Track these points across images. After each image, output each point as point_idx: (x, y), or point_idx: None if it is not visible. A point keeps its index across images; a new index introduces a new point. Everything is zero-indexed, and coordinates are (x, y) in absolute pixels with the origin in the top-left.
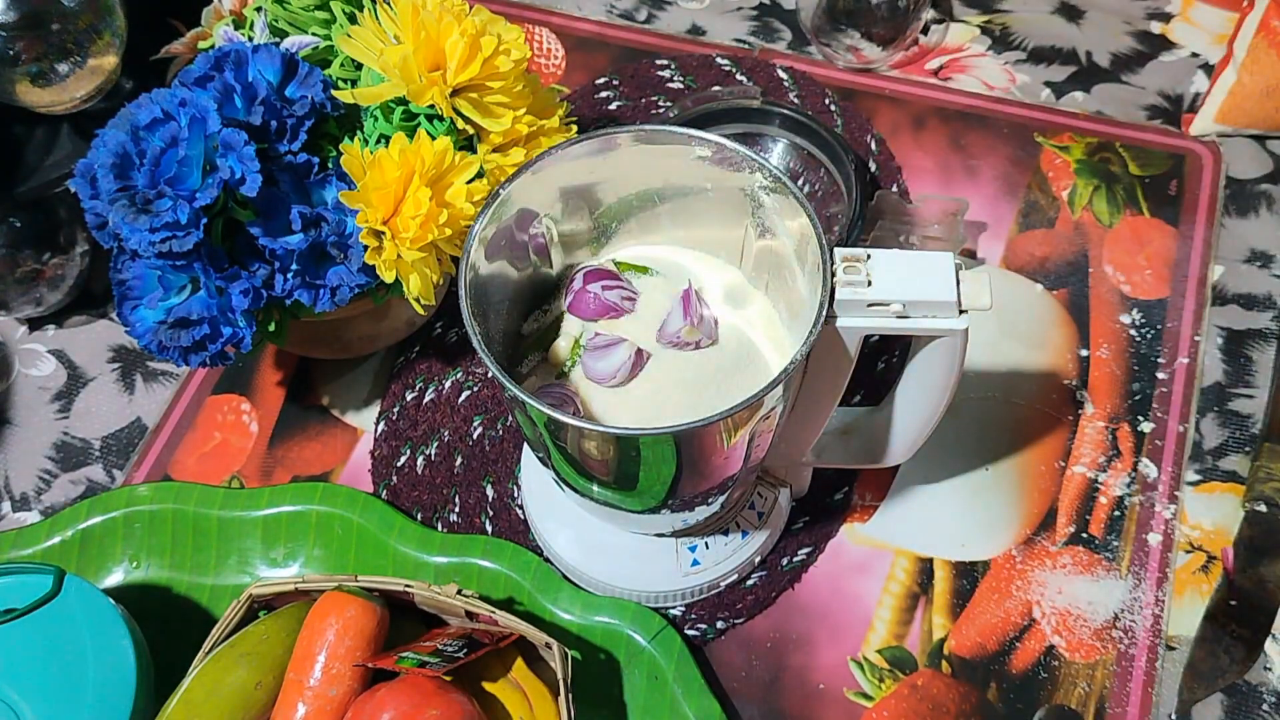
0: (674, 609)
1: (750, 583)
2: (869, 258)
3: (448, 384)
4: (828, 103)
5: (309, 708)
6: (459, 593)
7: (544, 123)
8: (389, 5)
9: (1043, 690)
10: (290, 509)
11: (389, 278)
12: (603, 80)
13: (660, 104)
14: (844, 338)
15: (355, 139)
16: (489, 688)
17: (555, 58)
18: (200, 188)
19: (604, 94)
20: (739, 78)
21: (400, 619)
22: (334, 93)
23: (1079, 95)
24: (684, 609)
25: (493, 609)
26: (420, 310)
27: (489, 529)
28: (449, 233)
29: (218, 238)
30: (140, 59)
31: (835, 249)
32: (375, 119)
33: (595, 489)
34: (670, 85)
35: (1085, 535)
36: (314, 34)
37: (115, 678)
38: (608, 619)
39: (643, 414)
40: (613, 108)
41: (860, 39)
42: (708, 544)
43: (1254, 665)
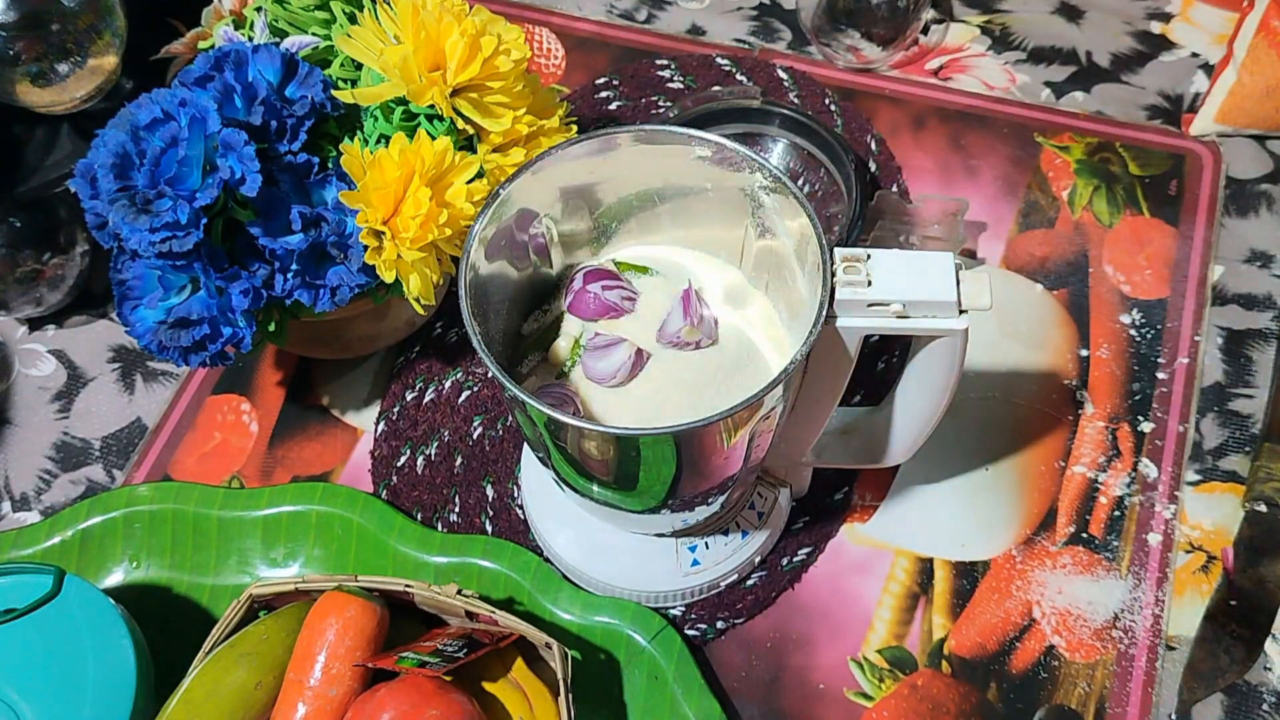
0: (674, 609)
1: (750, 583)
2: (869, 258)
3: (448, 384)
4: (828, 103)
5: (309, 708)
6: (459, 593)
7: (544, 123)
8: (389, 5)
9: (1043, 690)
10: (290, 509)
11: (389, 278)
12: (603, 80)
13: (660, 104)
14: (844, 338)
15: (355, 139)
16: (489, 688)
17: (555, 58)
18: (200, 188)
19: (604, 94)
20: (739, 78)
21: (400, 619)
22: (334, 93)
23: (1079, 95)
24: (684, 609)
25: (493, 609)
26: (420, 310)
27: (489, 529)
28: (449, 233)
29: (218, 238)
30: (140, 59)
31: (835, 249)
32: (375, 119)
33: (595, 489)
34: (670, 85)
35: (1085, 535)
36: (314, 34)
37: (115, 678)
38: (608, 619)
39: (643, 414)
40: (613, 108)
41: (860, 39)
42: (708, 544)
43: (1254, 665)
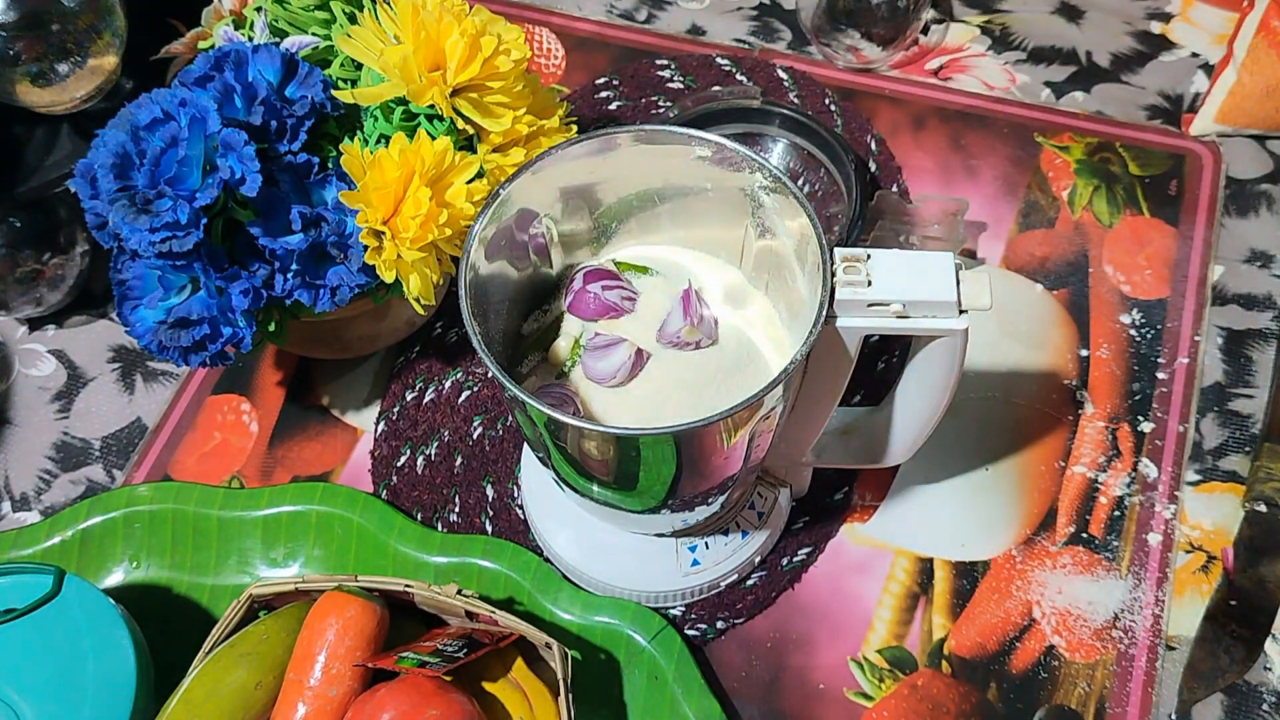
0: (674, 609)
1: (750, 583)
2: (869, 258)
3: (448, 384)
4: (828, 103)
5: (309, 708)
6: (459, 593)
7: (544, 123)
8: (389, 5)
9: (1043, 690)
10: (290, 509)
11: (389, 278)
12: (603, 80)
13: (660, 104)
14: (844, 338)
15: (355, 139)
16: (489, 688)
17: (555, 58)
18: (200, 188)
19: (604, 94)
20: (739, 78)
21: (400, 619)
22: (334, 93)
23: (1079, 95)
24: (684, 609)
25: (493, 609)
26: (420, 310)
27: (489, 529)
28: (449, 233)
29: (218, 238)
30: (140, 59)
31: (835, 249)
32: (375, 119)
33: (595, 489)
34: (670, 85)
35: (1085, 535)
36: (314, 34)
37: (115, 678)
38: (608, 619)
39: (643, 414)
40: (613, 108)
41: (860, 39)
42: (708, 544)
43: (1254, 665)
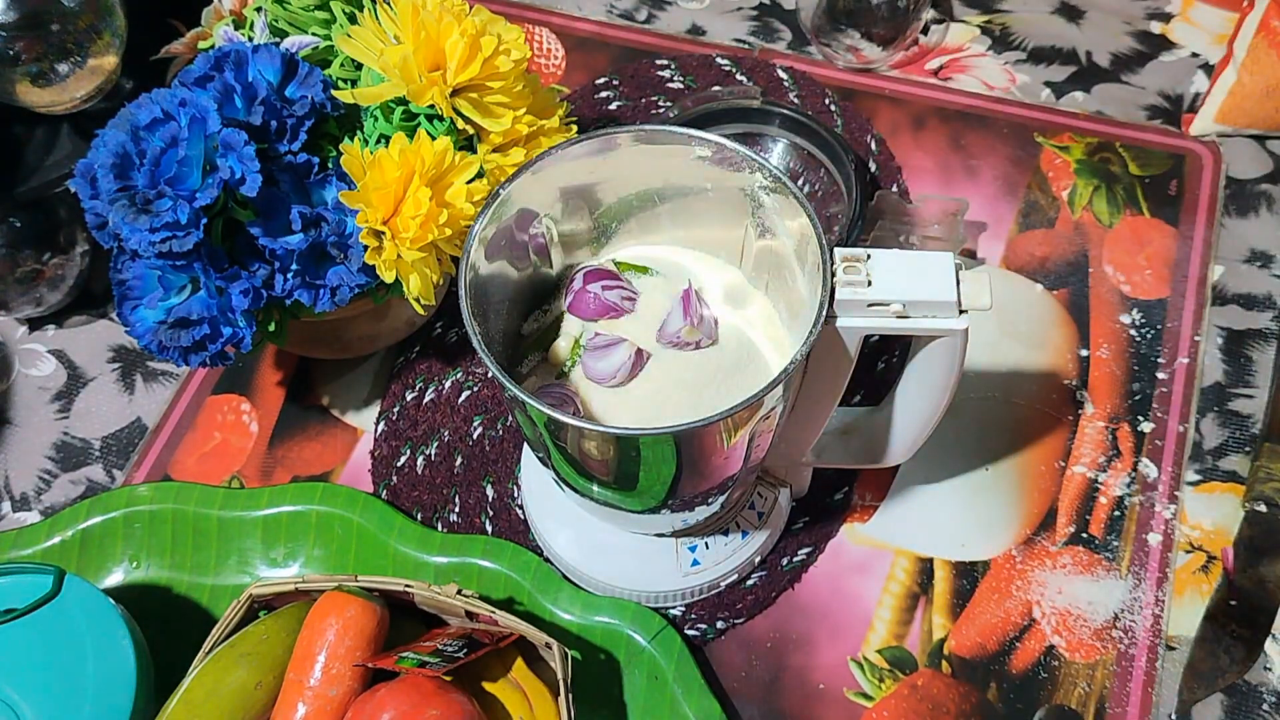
0: (674, 609)
1: (750, 583)
2: (869, 258)
3: (448, 384)
4: (828, 103)
5: (309, 708)
6: (459, 593)
7: (544, 123)
8: (389, 5)
9: (1043, 690)
10: (290, 509)
11: (389, 278)
12: (603, 80)
13: (660, 104)
14: (844, 338)
15: (355, 139)
16: (489, 688)
17: (555, 58)
18: (200, 188)
19: (604, 94)
20: (739, 78)
21: (400, 619)
22: (334, 93)
23: (1079, 95)
24: (684, 609)
25: (493, 609)
26: (420, 310)
27: (489, 529)
28: (449, 233)
29: (218, 238)
30: (140, 59)
31: (835, 249)
32: (375, 119)
33: (595, 489)
34: (670, 85)
35: (1085, 535)
36: (314, 34)
37: (115, 678)
38: (608, 619)
39: (643, 414)
40: (613, 108)
41: (860, 39)
42: (708, 544)
43: (1254, 665)
